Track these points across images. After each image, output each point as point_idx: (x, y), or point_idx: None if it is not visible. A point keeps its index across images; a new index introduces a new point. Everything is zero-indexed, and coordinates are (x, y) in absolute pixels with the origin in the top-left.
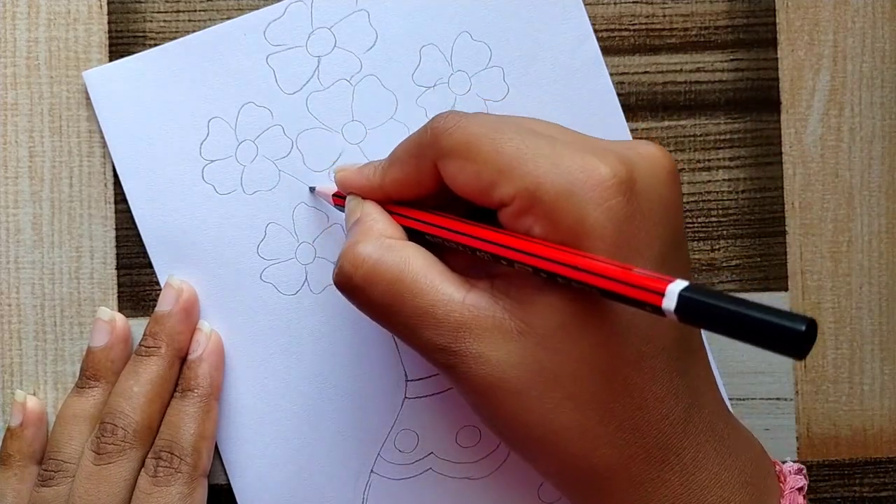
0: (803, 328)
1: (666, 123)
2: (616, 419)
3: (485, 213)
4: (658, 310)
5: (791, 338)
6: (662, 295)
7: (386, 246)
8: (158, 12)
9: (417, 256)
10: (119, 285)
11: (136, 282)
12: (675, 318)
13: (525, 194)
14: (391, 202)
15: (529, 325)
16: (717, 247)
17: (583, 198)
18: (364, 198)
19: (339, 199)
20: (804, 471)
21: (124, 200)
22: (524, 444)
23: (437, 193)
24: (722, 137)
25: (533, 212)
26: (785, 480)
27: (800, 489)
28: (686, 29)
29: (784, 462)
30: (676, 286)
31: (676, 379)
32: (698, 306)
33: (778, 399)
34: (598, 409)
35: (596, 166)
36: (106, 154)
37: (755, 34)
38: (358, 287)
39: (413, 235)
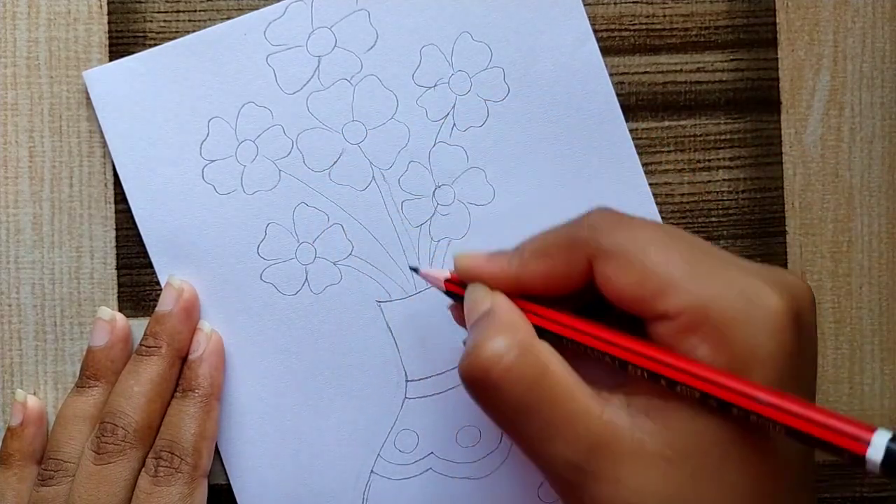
0: None
1: (666, 123)
2: None
3: (624, 319)
4: (856, 458)
5: None
6: (867, 444)
7: (526, 344)
8: (158, 12)
9: (555, 359)
10: (119, 285)
11: (136, 282)
12: (876, 469)
13: (694, 311)
14: (521, 297)
15: (677, 453)
16: (717, 247)
17: (758, 326)
18: (492, 288)
19: (452, 286)
20: None
21: (124, 200)
22: None
23: (578, 293)
24: (722, 137)
25: (700, 331)
26: None
27: None
28: (686, 29)
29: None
30: (882, 437)
31: None
32: None
33: None
34: None
35: (769, 294)
36: (106, 154)
37: (755, 34)
38: (493, 385)
39: (542, 336)
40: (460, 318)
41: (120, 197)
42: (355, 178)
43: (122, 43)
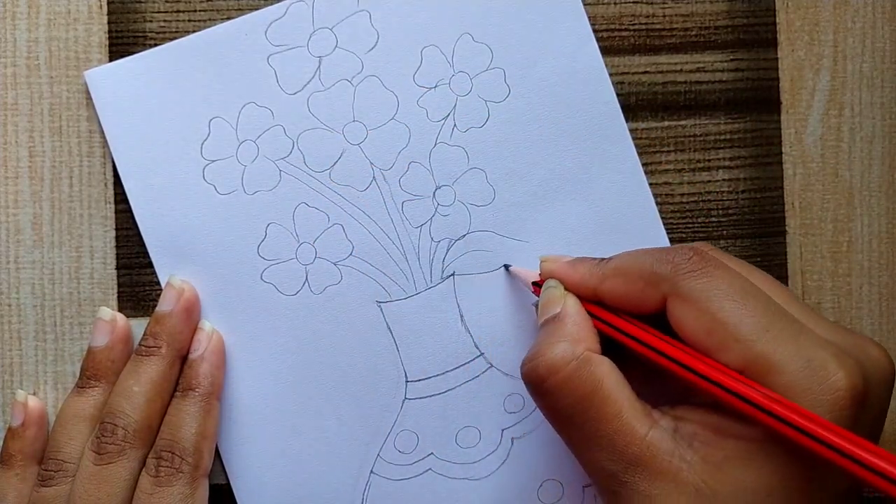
0: None
1: (666, 123)
2: None
3: None
4: None
5: None
6: None
7: (585, 358)
8: (158, 12)
9: (612, 377)
10: (119, 285)
11: (136, 282)
12: None
13: (756, 370)
14: (595, 303)
15: (713, 490)
16: (717, 247)
17: (816, 399)
18: (567, 289)
19: (538, 288)
20: None
21: (124, 200)
22: None
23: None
24: (722, 137)
25: (760, 388)
26: None
27: None
28: (686, 29)
29: None
30: None
31: None
32: None
33: None
34: None
35: (835, 371)
36: (106, 154)
37: (755, 34)
38: (549, 392)
39: (606, 341)
40: None
41: (120, 197)
42: (356, 178)
43: (122, 43)
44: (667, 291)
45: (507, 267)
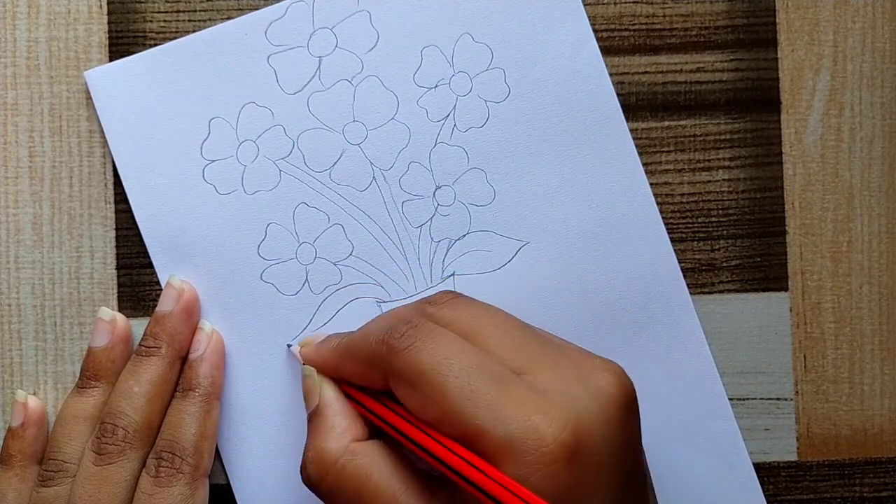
0: None
1: (666, 123)
2: None
3: None
4: None
5: None
6: None
7: (350, 451)
8: (158, 12)
9: (381, 464)
10: (119, 285)
11: (136, 282)
12: None
13: (466, 441)
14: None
15: None
16: (717, 247)
17: (523, 461)
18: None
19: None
20: None
21: (124, 200)
22: None
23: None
24: (722, 137)
25: (476, 459)
26: None
27: None
28: (686, 29)
29: None
30: None
31: None
32: None
33: (778, 399)
34: None
35: (537, 426)
36: (106, 154)
37: (755, 34)
38: (325, 493)
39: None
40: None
41: (120, 197)
42: (356, 178)
43: (122, 43)
44: (385, 372)
45: (288, 346)
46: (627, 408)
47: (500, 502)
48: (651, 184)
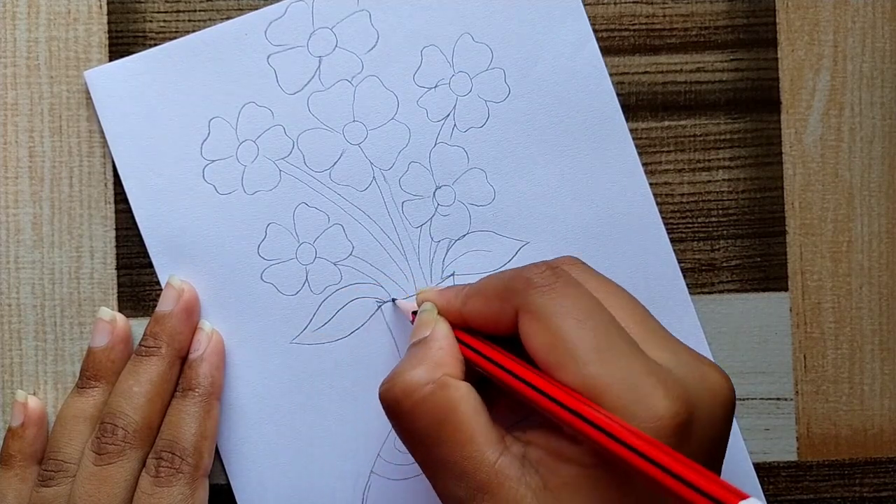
0: None
1: (666, 123)
2: None
3: None
4: None
5: None
6: None
7: (441, 383)
8: (158, 12)
9: (467, 402)
10: (119, 285)
11: (136, 282)
12: None
13: (587, 392)
14: (464, 329)
15: None
16: (717, 247)
17: (639, 425)
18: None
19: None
20: None
21: (124, 200)
22: None
23: (515, 335)
24: (722, 137)
25: (598, 407)
26: None
27: None
28: (686, 29)
29: None
30: None
31: None
32: None
33: (778, 399)
34: None
35: (660, 400)
36: (106, 154)
37: (755, 34)
38: (403, 413)
39: (472, 367)
40: None
41: (120, 197)
42: (356, 178)
43: (122, 43)
44: (517, 306)
45: (394, 300)
46: (731, 407)
47: (630, 447)
48: (651, 184)
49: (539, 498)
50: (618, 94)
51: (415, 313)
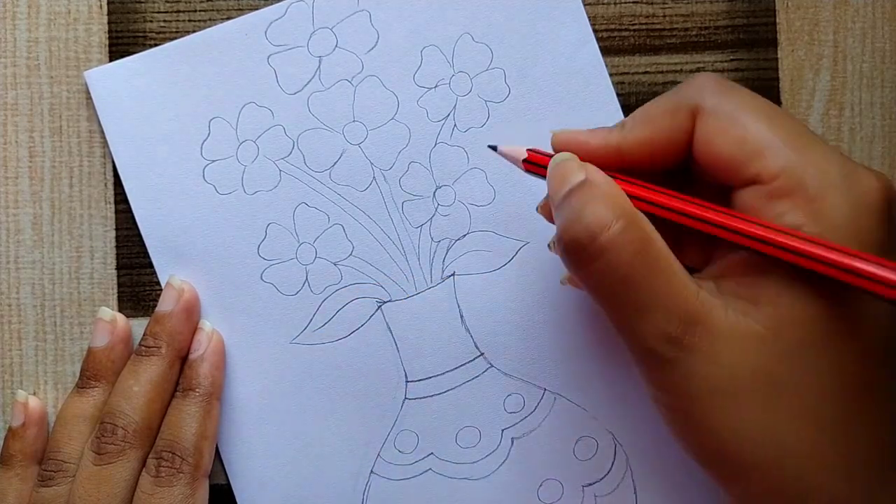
0: None
1: None
2: (850, 445)
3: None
4: None
5: None
6: None
7: (631, 218)
8: (158, 12)
9: (658, 236)
10: (119, 285)
11: (136, 282)
12: None
13: (791, 175)
14: (615, 172)
15: (773, 332)
16: None
17: (856, 199)
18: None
19: (531, 165)
20: None
21: (124, 200)
22: (730, 460)
23: (675, 168)
24: None
25: (794, 196)
26: None
27: None
28: (686, 29)
29: None
30: None
31: None
32: None
33: None
34: (835, 431)
35: (868, 175)
36: (106, 154)
37: (755, 34)
38: (596, 255)
39: None
40: (550, 214)
41: (120, 197)
42: (356, 178)
43: (122, 43)
44: (694, 111)
45: (493, 147)
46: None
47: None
48: None
49: (757, 319)
50: (618, 94)
51: (526, 161)
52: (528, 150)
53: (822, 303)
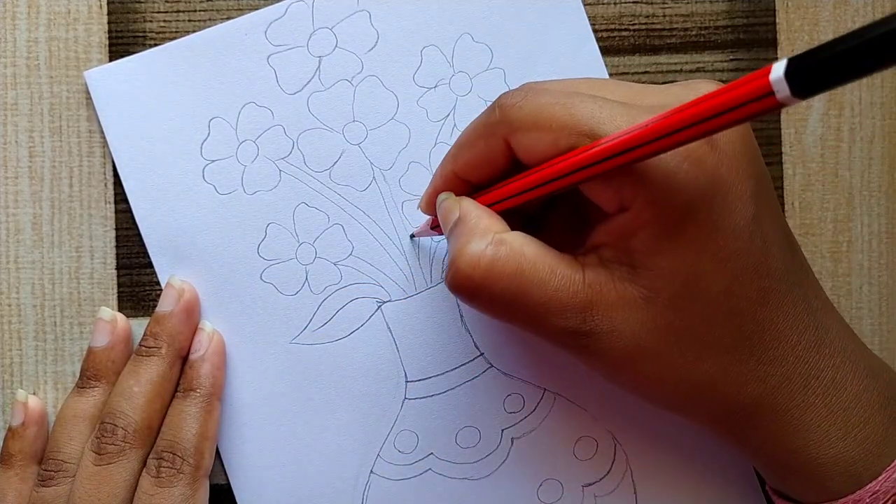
0: None
1: None
2: (755, 355)
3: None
4: (768, 96)
5: None
6: (768, 75)
7: (497, 241)
8: (158, 12)
9: (529, 244)
10: (119, 285)
11: (136, 282)
12: (785, 89)
13: (594, 126)
14: (474, 190)
15: (654, 291)
16: None
17: (669, 155)
18: (449, 192)
19: (436, 225)
20: None
21: (124, 200)
22: (671, 400)
23: (508, 172)
24: None
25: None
26: None
27: None
28: (686, 29)
29: None
30: (780, 63)
31: (800, 305)
32: (807, 63)
33: None
34: (735, 351)
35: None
36: (106, 154)
37: (755, 34)
38: (479, 286)
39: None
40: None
41: (120, 197)
42: (356, 178)
43: (122, 43)
44: (505, 133)
45: (412, 237)
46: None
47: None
48: None
49: (638, 283)
50: None
51: (432, 225)
52: (430, 224)
53: (693, 253)
